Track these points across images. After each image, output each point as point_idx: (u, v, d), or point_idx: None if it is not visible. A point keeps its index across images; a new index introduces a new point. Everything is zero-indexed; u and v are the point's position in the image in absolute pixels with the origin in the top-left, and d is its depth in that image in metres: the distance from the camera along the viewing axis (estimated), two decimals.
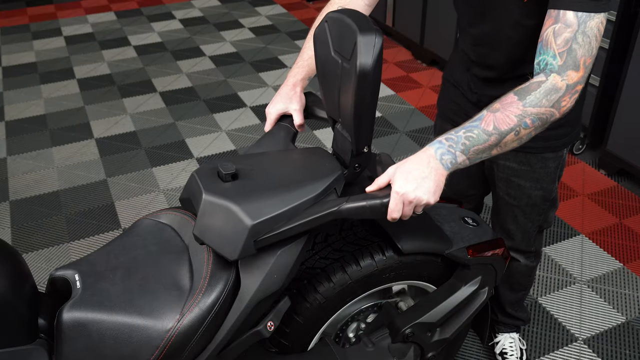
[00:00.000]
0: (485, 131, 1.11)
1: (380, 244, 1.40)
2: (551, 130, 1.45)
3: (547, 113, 1.11)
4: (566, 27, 1.11)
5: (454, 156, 1.11)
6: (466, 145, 1.11)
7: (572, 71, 1.11)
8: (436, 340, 1.50)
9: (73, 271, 1.21)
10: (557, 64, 1.11)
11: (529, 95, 1.11)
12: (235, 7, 5.53)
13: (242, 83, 4.02)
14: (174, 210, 1.39)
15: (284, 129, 1.47)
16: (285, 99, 1.46)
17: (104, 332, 1.12)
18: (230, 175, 1.22)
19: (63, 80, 4.12)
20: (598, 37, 1.11)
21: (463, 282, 1.47)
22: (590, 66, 1.13)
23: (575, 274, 2.34)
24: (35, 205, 2.83)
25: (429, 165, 1.11)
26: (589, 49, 1.10)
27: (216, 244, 1.18)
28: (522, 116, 1.11)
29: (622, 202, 2.72)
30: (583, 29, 1.10)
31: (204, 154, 3.21)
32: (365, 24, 1.14)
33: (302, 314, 1.37)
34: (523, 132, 1.12)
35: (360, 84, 1.12)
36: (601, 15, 1.11)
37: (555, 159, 1.53)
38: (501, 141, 1.11)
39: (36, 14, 5.45)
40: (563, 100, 1.11)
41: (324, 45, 1.25)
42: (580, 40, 1.10)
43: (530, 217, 1.64)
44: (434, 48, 4.05)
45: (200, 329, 1.16)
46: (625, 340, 2.06)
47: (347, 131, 1.26)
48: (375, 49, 1.10)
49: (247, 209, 1.16)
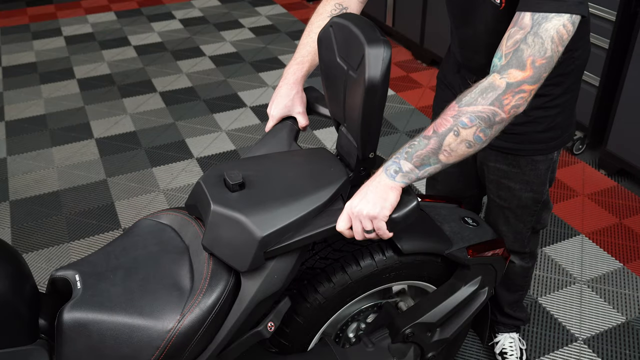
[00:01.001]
0: (425, 136, 1.13)
1: (380, 244, 1.40)
2: (540, 133, 1.46)
3: (487, 111, 1.09)
4: (519, 29, 1.10)
5: (398, 165, 1.14)
6: (409, 152, 1.13)
7: (515, 70, 1.08)
8: (436, 340, 1.50)
9: (74, 271, 1.21)
10: (500, 64, 1.10)
11: (465, 96, 1.11)
12: (235, 7, 5.53)
13: (242, 83, 4.02)
14: (174, 210, 1.39)
15: (287, 127, 1.47)
16: (287, 100, 1.44)
17: (105, 333, 1.12)
18: (237, 185, 1.22)
19: (63, 80, 4.12)
20: (555, 39, 1.08)
21: (463, 282, 1.47)
22: (542, 67, 1.09)
23: (575, 274, 2.34)
24: (35, 205, 2.83)
25: (375, 180, 1.15)
26: (540, 49, 1.08)
27: (226, 256, 1.19)
28: (457, 116, 1.10)
29: (622, 202, 2.72)
30: (536, 30, 1.08)
31: (204, 154, 3.21)
32: (373, 34, 1.12)
33: (302, 314, 1.37)
34: (464, 132, 1.09)
35: (368, 96, 1.11)
36: (564, 16, 1.08)
37: (545, 161, 1.52)
38: (443, 144, 1.11)
39: (36, 14, 5.45)
40: (504, 98, 1.08)
41: (329, 50, 1.25)
42: (530, 41, 1.08)
43: (521, 218, 1.64)
44: (434, 48, 4.05)
45: (200, 329, 1.17)
46: (625, 340, 2.06)
47: (352, 135, 1.26)
48: (384, 62, 1.09)
49: (256, 220, 1.16)
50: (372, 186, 1.15)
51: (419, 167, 1.13)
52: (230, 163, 1.32)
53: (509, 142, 1.48)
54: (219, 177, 1.26)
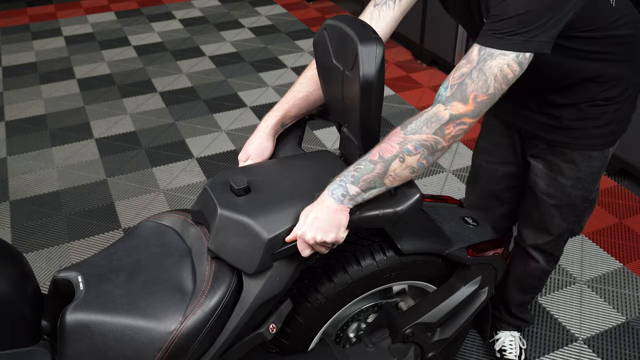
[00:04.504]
0: (371, 161, 1.15)
1: (381, 244, 1.40)
2: (598, 128, 1.44)
3: (431, 140, 1.13)
4: (467, 62, 1.13)
5: (344, 189, 1.16)
6: (355, 176, 1.16)
7: (458, 103, 1.12)
8: (436, 340, 1.51)
9: (76, 273, 1.22)
10: (445, 95, 1.14)
11: (410, 124, 1.14)
12: (235, 7, 5.53)
13: (242, 83, 4.03)
14: (176, 212, 1.39)
15: (290, 133, 1.49)
16: (258, 153, 1.44)
17: (107, 334, 1.13)
18: (242, 190, 1.23)
19: (63, 80, 4.12)
20: (499, 77, 1.11)
21: (463, 282, 1.48)
22: (484, 103, 1.12)
23: (575, 274, 2.35)
24: (35, 205, 2.83)
25: (322, 205, 1.17)
26: (483, 86, 1.11)
27: (233, 259, 1.20)
28: (403, 143, 1.13)
29: (622, 202, 2.72)
30: (481, 67, 1.11)
31: (204, 154, 3.21)
32: (365, 33, 1.14)
33: (303, 313, 1.38)
34: (409, 159, 1.14)
35: (364, 94, 1.14)
36: (510, 56, 1.10)
37: (601, 158, 1.51)
38: (388, 169, 1.14)
39: (36, 14, 5.45)
40: (447, 128, 1.13)
41: (325, 53, 1.26)
42: (474, 76, 1.11)
43: (566, 217, 1.62)
44: (434, 48, 4.05)
45: (202, 331, 1.17)
46: (625, 340, 2.07)
47: (353, 135, 1.27)
48: (377, 59, 1.11)
49: (263, 223, 1.17)
50: (321, 212, 1.16)
51: (365, 190, 1.16)
52: (235, 169, 1.33)
53: (567, 137, 1.47)
54: (225, 183, 1.28)
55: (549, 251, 1.72)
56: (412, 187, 1.19)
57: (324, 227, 1.16)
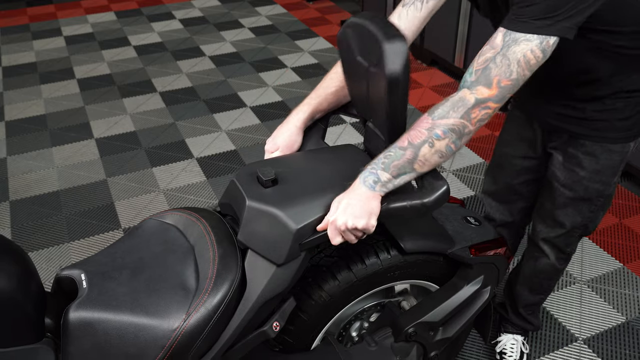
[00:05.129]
0: (400, 147, 1.18)
1: (385, 243, 1.40)
2: (621, 120, 1.44)
3: (459, 124, 1.16)
4: (491, 48, 1.15)
5: (376, 175, 1.19)
6: (385, 163, 1.19)
7: (483, 87, 1.15)
8: (439, 339, 1.51)
9: (79, 271, 1.22)
10: (470, 80, 1.17)
11: (437, 109, 1.17)
12: (235, 7, 5.53)
13: (242, 83, 4.03)
14: (179, 210, 1.39)
15: (314, 127, 1.50)
16: (288, 145, 1.46)
17: (110, 332, 1.13)
18: (270, 181, 1.25)
19: (63, 80, 4.12)
20: (522, 63, 1.13)
21: (465, 281, 1.48)
22: (507, 88, 1.15)
23: (575, 274, 2.35)
24: (35, 205, 2.83)
25: (355, 192, 1.19)
26: (506, 71, 1.13)
27: (262, 249, 1.21)
28: (431, 129, 1.16)
29: (622, 202, 2.73)
30: (505, 52, 1.13)
31: (204, 154, 3.21)
32: (389, 30, 1.16)
33: (306, 311, 1.38)
34: (438, 143, 1.16)
35: (392, 90, 1.15)
36: (533, 42, 1.12)
37: (621, 152, 1.51)
38: (418, 154, 1.17)
39: (36, 14, 5.45)
40: (473, 112, 1.15)
41: (348, 50, 1.27)
42: (498, 61, 1.14)
43: (581, 211, 1.62)
44: (434, 48, 4.06)
45: (206, 329, 1.17)
46: (625, 340, 2.07)
47: (379, 130, 1.28)
48: (402, 56, 1.13)
49: (291, 213, 1.19)
50: (354, 199, 1.18)
51: (396, 176, 1.19)
52: (261, 162, 1.35)
53: (589, 129, 1.47)
54: (252, 174, 1.30)
55: (560, 246, 1.71)
56: (440, 179, 1.20)
57: (356, 212, 1.17)
